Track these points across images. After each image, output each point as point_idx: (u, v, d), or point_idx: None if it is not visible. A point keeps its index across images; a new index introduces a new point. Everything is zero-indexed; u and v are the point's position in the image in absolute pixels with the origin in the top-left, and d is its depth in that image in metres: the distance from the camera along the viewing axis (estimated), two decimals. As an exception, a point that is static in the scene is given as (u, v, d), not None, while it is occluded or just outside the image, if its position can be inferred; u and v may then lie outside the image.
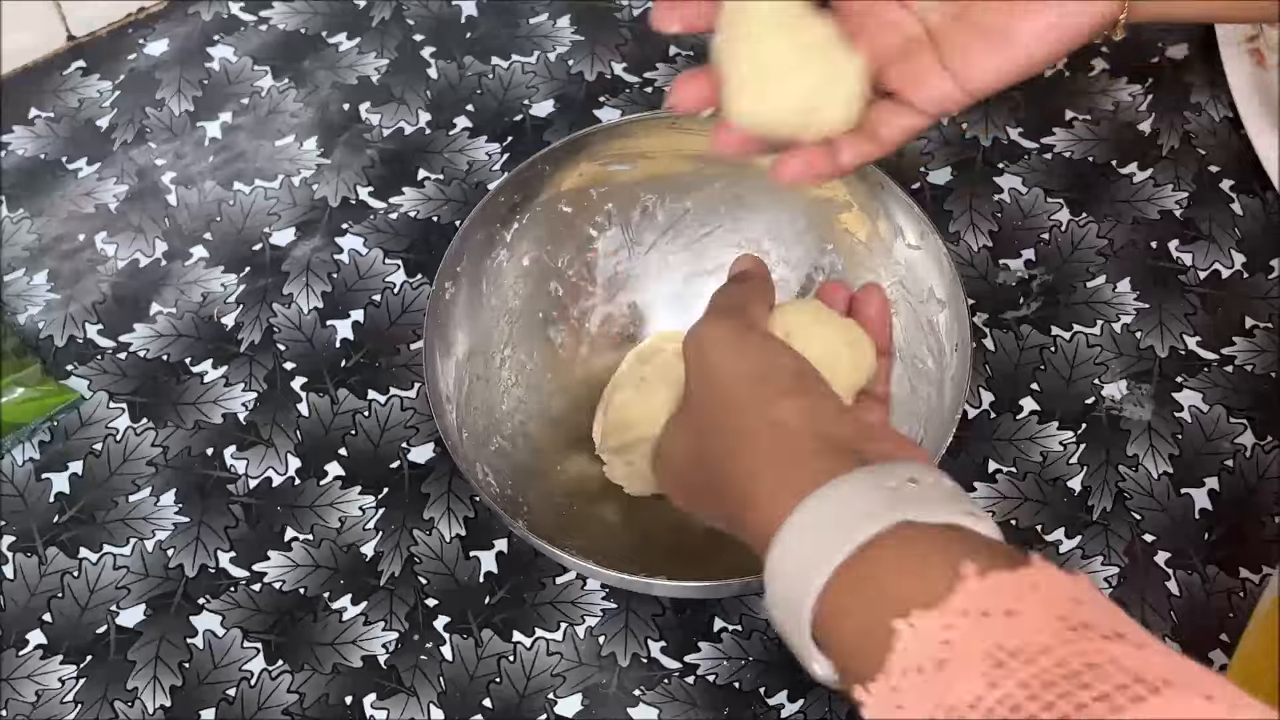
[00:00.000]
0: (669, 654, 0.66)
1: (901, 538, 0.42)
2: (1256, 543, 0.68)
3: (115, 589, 0.68)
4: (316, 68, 0.83)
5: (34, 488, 0.70)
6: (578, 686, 0.65)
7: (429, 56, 0.83)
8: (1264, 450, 0.70)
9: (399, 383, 0.73)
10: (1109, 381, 0.72)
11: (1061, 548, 0.68)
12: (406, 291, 0.76)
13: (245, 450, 0.71)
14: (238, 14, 0.85)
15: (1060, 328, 0.74)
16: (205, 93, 0.82)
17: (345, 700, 0.65)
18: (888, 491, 0.43)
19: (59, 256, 0.77)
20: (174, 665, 0.66)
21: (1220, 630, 0.66)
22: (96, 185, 0.79)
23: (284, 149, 0.80)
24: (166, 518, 0.70)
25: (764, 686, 0.65)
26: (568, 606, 0.67)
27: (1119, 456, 0.70)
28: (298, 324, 0.75)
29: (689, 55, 0.83)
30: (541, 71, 0.83)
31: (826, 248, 0.71)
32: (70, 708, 0.65)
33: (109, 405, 0.72)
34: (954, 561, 0.40)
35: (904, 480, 0.43)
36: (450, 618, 0.67)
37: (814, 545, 0.43)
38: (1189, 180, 0.78)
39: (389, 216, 0.78)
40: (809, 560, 0.43)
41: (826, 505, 0.44)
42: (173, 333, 0.75)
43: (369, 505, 0.70)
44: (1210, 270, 0.76)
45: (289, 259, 0.77)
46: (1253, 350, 0.73)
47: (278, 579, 0.68)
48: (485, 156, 0.80)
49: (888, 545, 0.42)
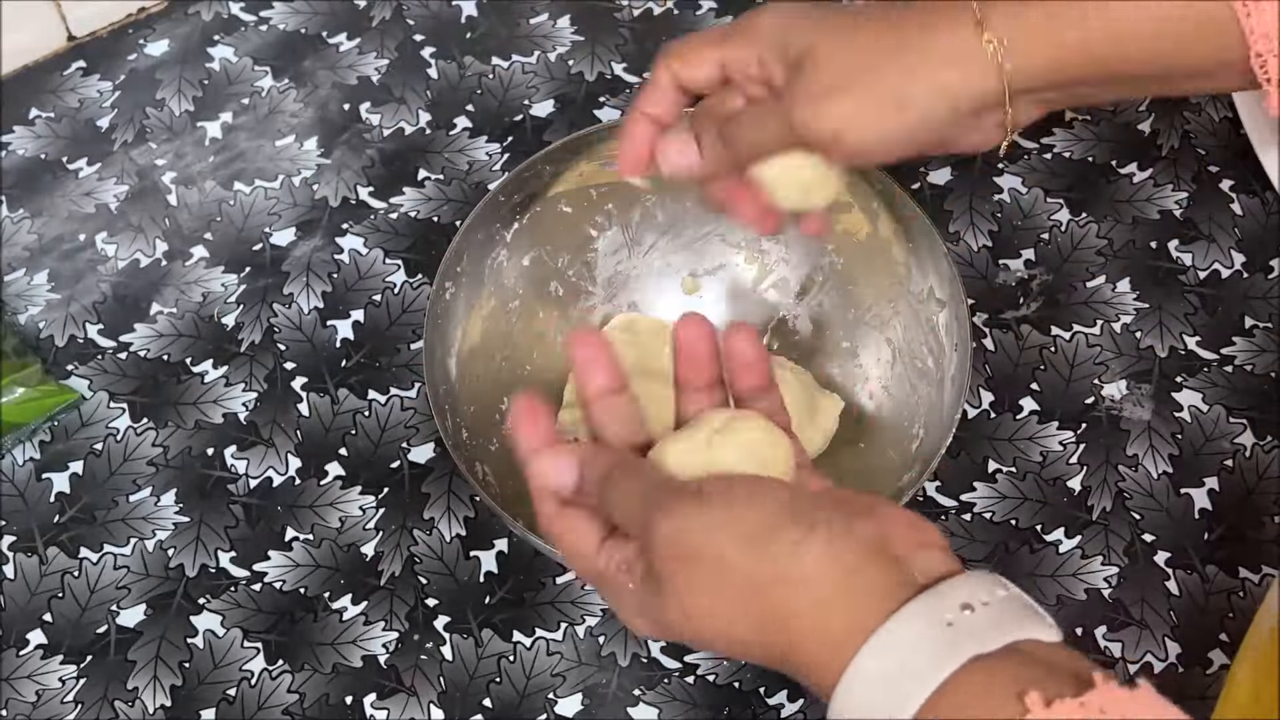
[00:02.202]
0: (669, 654, 0.66)
1: (964, 677, 0.41)
2: (1256, 543, 0.68)
3: (115, 589, 0.68)
4: (317, 68, 0.83)
5: (34, 487, 0.70)
6: (578, 686, 0.65)
7: (429, 56, 0.83)
8: (1264, 450, 0.70)
9: (399, 383, 0.73)
10: (1109, 381, 0.73)
11: (1061, 548, 0.68)
12: (406, 291, 0.76)
13: (245, 450, 0.71)
14: (238, 14, 0.85)
15: (1060, 328, 0.74)
16: (205, 93, 0.82)
17: (345, 700, 0.65)
18: (946, 627, 0.42)
19: (59, 256, 0.77)
20: (174, 665, 0.66)
21: (1220, 630, 0.66)
22: (97, 185, 0.79)
23: (284, 149, 0.80)
24: (167, 517, 0.70)
25: (764, 686, 0.65)
26: (568, 606, 0.67)
27: (1119, 456, 0.70)
28: (298, 324, 0.75)
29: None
30: (541, 71, 0.83)
31: (827, 248, 0.71)
32: (70, 707, 0.65)
33: (109, 405, 0.73)
34: (1018, 693, 0.39)
35: (958, 608, 0.43)
36: (450, 618, 0.67)
37: (884, 696, 0.42)
38: (1189, 180, 0.78)
39: (389, 216, 0.78)
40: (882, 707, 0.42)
41: (889, 652, 0.43)
42: (173, 333, 0.75)
43: (369, 505, 0.70)
44: (1210, 270, 0.76)
45: (289, 259, 0.77)
46: (1252, 350, 0.73)
47: (278, 579, 0.68)
48: (485, 156, 0.80)
49: (956, 685, 0.41)
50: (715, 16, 0.84)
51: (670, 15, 0.84)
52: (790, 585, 0.45)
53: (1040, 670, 0.41)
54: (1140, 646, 0.66)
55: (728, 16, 0.84)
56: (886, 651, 0.43)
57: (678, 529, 0.46)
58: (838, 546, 0.45)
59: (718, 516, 0.46)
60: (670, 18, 0.84)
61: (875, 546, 0.45)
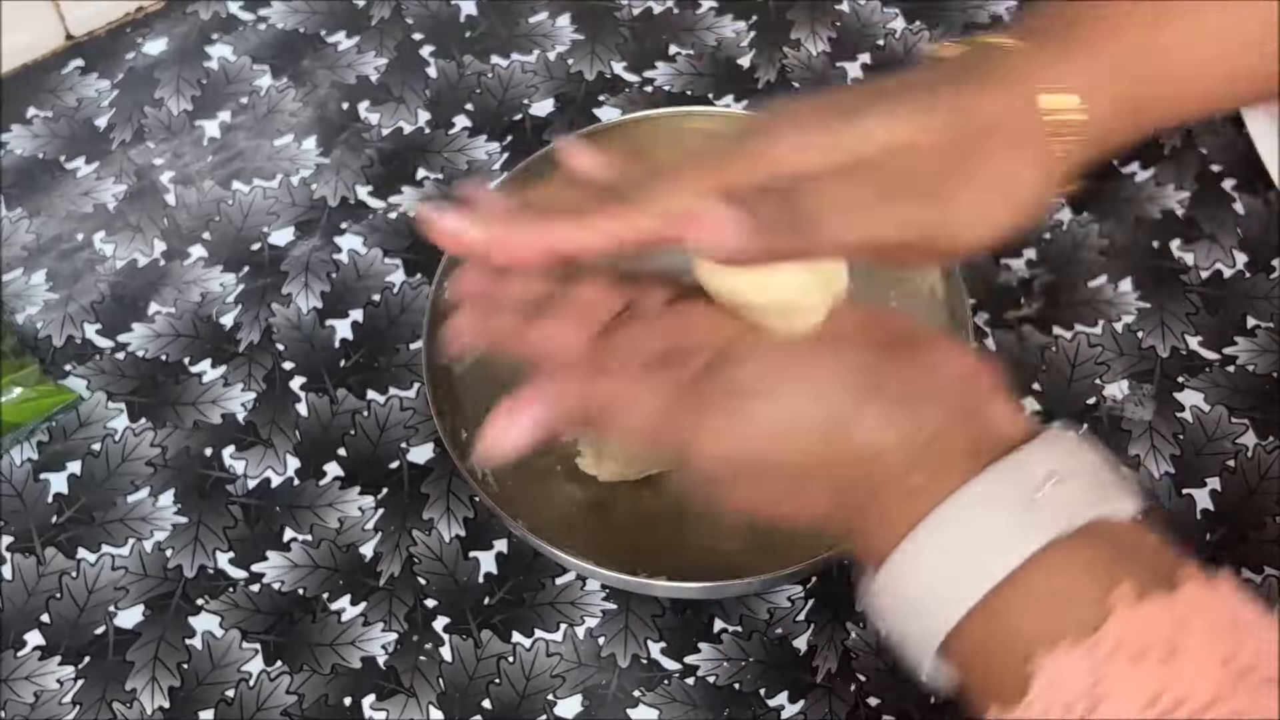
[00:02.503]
0: (669, 655, 0.66)
1: (1045, 558, 0.38)
2: (1258, 543, 0.68)
3: (114, 589, 0.68)
4: (315, 67, 0.83)
5: (32, 488, 0.70)
6: (577, 687, 0.65)
7: (428, 55, 0.83)
8: (1266, 450, 0.70)
9: (399, 383, 0.73)
10: (1110, 381, 0.72)
11: (1063, 548, 0.68)
12: (406, 291, 0.75)
13: (244, 450, 0.71)
14: (236, 13, 0.85)
15: (1061, 327, 0.74)
16: (204, 92, 0.82)
17: (344, 701, 0.65)
18: (1028, 500, 0.39)
19: (57, 256, 0.77)
20: (172, 666, 0.66)
21: (1222, 631, 0.66)
22: (95, 185, 0.79)
23: (283, 148, 0.80)
24: (165, 518, 0.69)
25: (764, 687, 0.65)
26: (567, 607, 0.67)
27: (1120, 457, 0.70)
28: (297, 324, 0.75)
29: (689, 55, 0.82)
30: (541, 71, 0.82)
31: (827, 247, 0.71)
32: (69, 709, 0.65)
33: (107, 405, 0.72)
34: (1104, 584, 0.37)
35: (1044, 479, 0.39)
36: (450, 618, 0.67)
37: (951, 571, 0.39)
38: (1191, 180, 0.78)
39: (388, 216, 0.78)
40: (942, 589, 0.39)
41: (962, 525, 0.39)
42: (171, 332, 0.74)
43: (368, 506, 0.70)
44: (1212, 270, 0.75)
45: (288, 258, 0.76)
46: (1254, 350, 0.73)
47: (276, 579, 0.68)
48: (485, 156, 0.80)
49: (1031, 570, 0.38)
50: (715, 15, 0.84)
51: (670, 15, 0.84)
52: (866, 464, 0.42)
53: (1129, 558, 0.38)
54: (1142, 647, 0.66)
55: (727, 16, 0.84)
56: (959, 523, 0.40)
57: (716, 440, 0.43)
58: (902, 416, 0.42)
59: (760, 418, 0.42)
60: (670, 17, 0.84)
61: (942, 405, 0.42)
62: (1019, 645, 0.37)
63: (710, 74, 0.82)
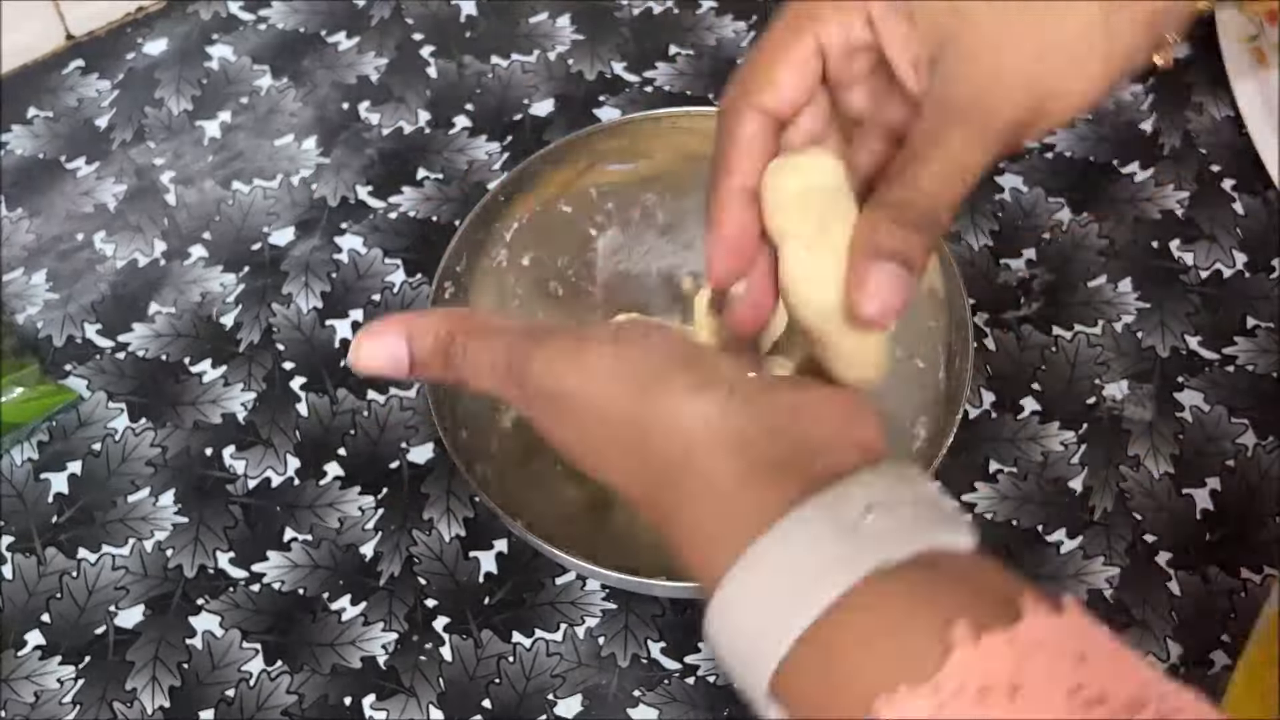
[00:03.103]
0: (669, 654, 0.66)
1: (872, 592, 0.36)
2: (1258, 543, 0.68)
3: (114, 589, 0.68)
4: (315, 67, 0.83)
5: (32, 488, 0.70)
6: (577, 687, 0.65)
7: (428, 55, 0.83)
8: (1265, 450, 0.70)
9: (399, 382, 0.73)
10: (1110, 381, 0.72)
11: (1063, 548, 0.68)
12: (406, 291, 0.76)
13: (244, 450, 0.71)
14: (236, 13, 0.85)
15: (1061, 327, 0.74)
16: (204, 92, 0.82)
17: (344, 701, 0.65)
18: (848, 531, 0.37)
19: (57, 256, 0.77)
20: (173, 666, 0.66)
21: (1222, 631, 0.66)
22: (95, 185, 0.79)
23: (283, 148, 0.80)
24: (165, 518, 0.69)
25: (764, 687, 0.65)
26: (567, 607, 0.67)
27: (1120, 457, 0.70)
28: (297, 324, 0.75)
29: (689, 55, 0.83)
30: (541, 71, 0.82)
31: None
32: (69, 708, 0.65)
33: (108, 405, 0.72)
34: (940, 618, 0.34)
35: (863, 510, 0.37)
36: (450, 618, 0.67)
37: (768, 609, 0.37)
38: (1190, 179, 0.78)
39: (388, 216, 0.78)
40: (761, 628, 0.37)
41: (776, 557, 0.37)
42: (171, 332, 0.74)
43: (368, 505, 0.70)
44: (1212, 270, 0.76)
45: (288, 258, 0.77)
46: (1254, 350, 0.73)
47: (277, 579, 0.68)
48: (485, 156, 0.80)
49: (857, 604, 0.36)
50: (715, 15, 0.84)
51: (670, 14, 0.84)
52: (676, 439, 0.40)
53: (964, 592, 0.36)
54: (1141, 647, 0.66)
55: (727, 16, 0.84)
56: (771, 556, 0.37)
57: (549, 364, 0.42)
58: (736, 412, 0.40)
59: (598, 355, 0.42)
60: (670, 17, 0.84)
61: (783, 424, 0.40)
62: (856, 687, 0.35)
63: (710, 74, 0.82)
